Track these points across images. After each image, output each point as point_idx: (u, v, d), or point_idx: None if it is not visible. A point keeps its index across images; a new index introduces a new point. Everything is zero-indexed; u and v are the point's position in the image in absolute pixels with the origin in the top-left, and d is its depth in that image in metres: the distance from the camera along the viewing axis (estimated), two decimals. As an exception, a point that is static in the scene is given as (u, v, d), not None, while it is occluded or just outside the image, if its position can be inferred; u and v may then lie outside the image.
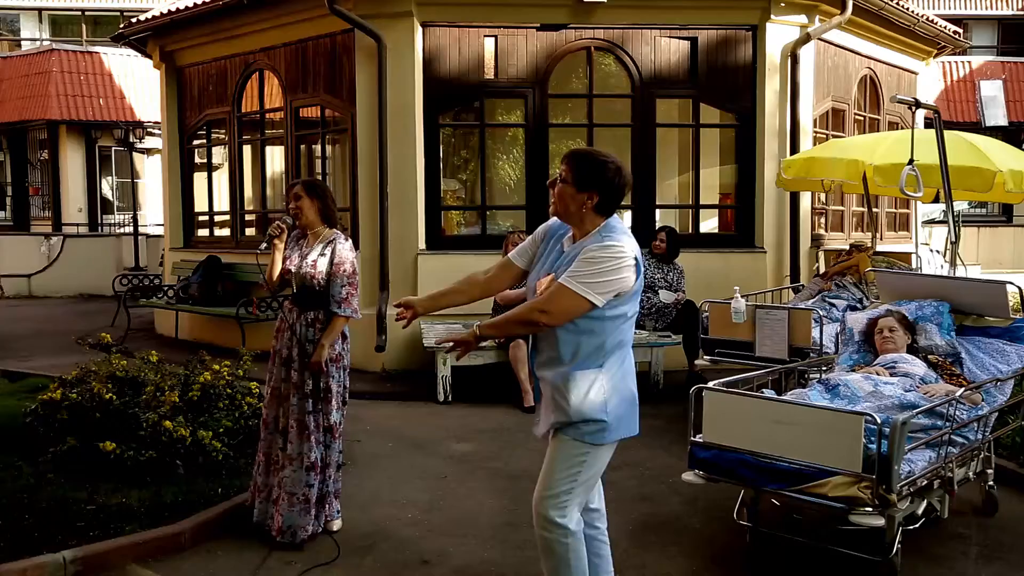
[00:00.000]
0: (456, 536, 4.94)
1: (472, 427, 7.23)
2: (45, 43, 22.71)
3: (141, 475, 5.34)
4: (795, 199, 9.88)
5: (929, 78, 14.98)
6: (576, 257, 3.24)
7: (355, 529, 4.98)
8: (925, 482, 4.33)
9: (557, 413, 3.33)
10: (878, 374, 4.98)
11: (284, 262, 4.86)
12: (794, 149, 9.69)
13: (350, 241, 4.93)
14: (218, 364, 6.34)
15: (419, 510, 5.37)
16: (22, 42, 24.23)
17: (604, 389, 3.29)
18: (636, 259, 3.24)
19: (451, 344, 3.39)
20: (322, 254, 4.80)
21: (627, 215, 10.73)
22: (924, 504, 4.44)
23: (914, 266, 8.87)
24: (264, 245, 4.80)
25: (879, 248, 9.28)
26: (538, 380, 3.46)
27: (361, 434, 6.97)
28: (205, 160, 12.22)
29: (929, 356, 5.25)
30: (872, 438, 3.93)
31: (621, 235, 3.28)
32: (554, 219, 3.46)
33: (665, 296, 8.72)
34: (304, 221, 4.86)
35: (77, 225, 20.70)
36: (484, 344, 8.15)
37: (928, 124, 10.27)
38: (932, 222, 14.11)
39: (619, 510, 5.34)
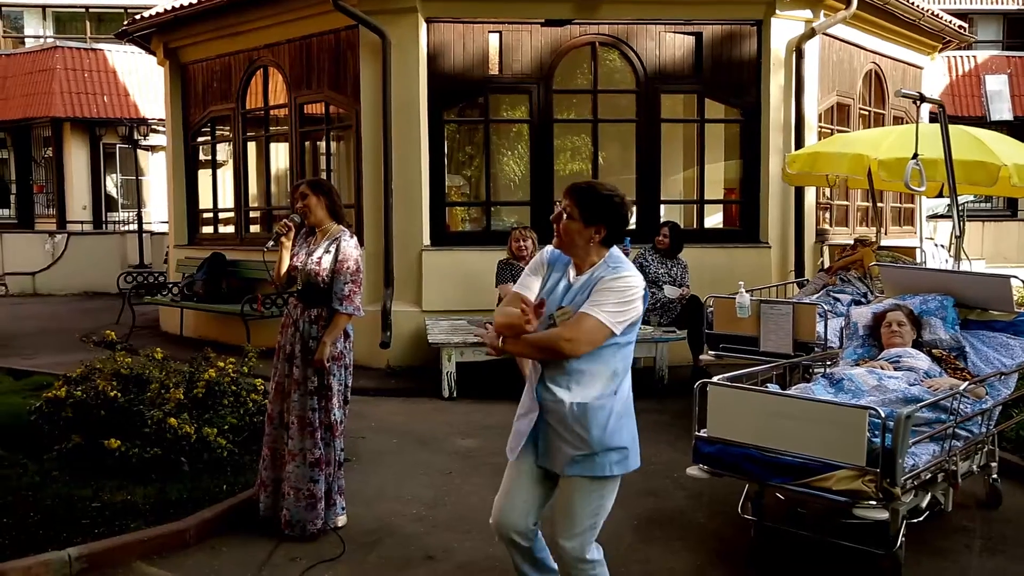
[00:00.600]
0: (461, 532, 4.95)
1: (477, 423, 7.24)
2: (49, 40, 22.71)
3: (146, 472, 5.35)
4: (800, 194, 9.87)
5: (934, 72, 14.93)
6: (592, 288, 3.25)
7: (360, 525, 4.99)
8: (929, 476, 4.33)
9: (577, 446, 3.27)
10: (882, 368, 4.97)
11: (292, 259, 4.87)
12: (799, 144, 9.67)
13: (355, 239, 4.95)
14: (223, 361, 6.35)
15: (424, 506, 5.37)
16: (26, 39, 24.25)
17: (620, 416, 3.31)
18: (644, 289, 3.29)
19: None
20: (327, 251, 4.82)
21: (632, 211, 10.73)
22: (928, 497, 4.44)
23: (918, 260, 8.85)
24: (271, 243, 4.82)
25: (883, 243, 9.27)
26: (542, 415, 3.34)
27: (366, 430, 6.98)
28: (209, 157, 12.23)
29: (933, 350, 5.25)
30: (876, 432, 3.93)
31: (629, 266, 3.32)
32: (552, 249, 3.45)
33: (670, 292, 8.71)
34: (313, 219, 4.87)
35: (81, 223, 20.72)
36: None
37: (933, 119, 10.25)
38: (937, 216, 14.09)
39: (624, 505, 5.33)
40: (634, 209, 9.94)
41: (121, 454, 5.37)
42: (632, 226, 10.66)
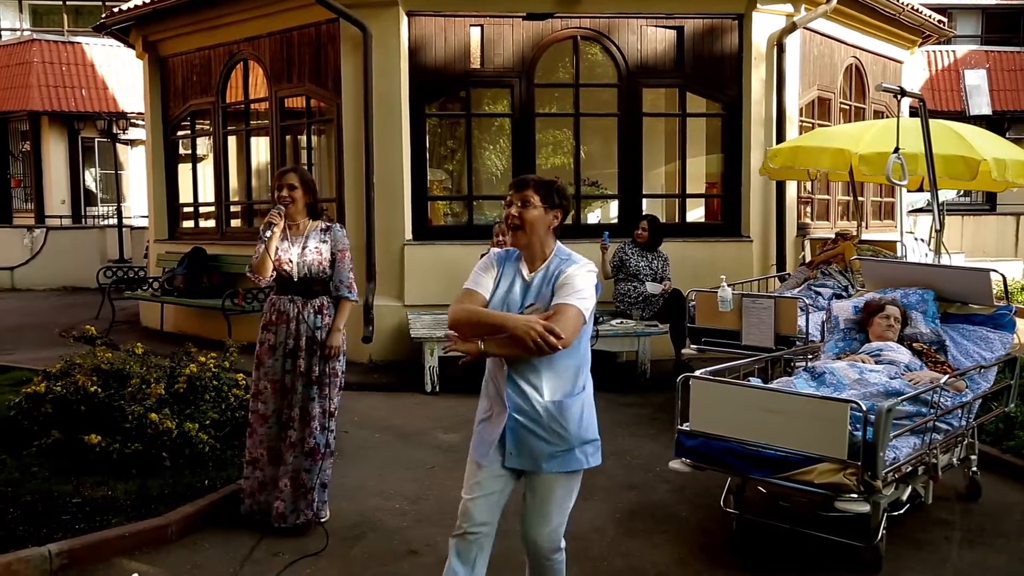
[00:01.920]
0: (443, 526, 4.93)
1: (459, 418, 7.23)
2: (26, 33, 22.49)
3: (127, 468, 5.32)
4: (781, 188, 9.90)
5: (914, 67, 15.02)
6: (555, 280, 3.26)
7: (343, 519, 4.98)
8: (910, 468, 4.36)
9: (554, 443, 3.27)
10: (863, 362, 5.00)
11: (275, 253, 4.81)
12: (780, 138, 9.71)
13: (344, 228, 5.02)
14: (204, 356, 6.31)
15: (406, 500, 5.37)
16: (2, 32, 23.99)
17: (590, 408, 3.37)
18: (599, 277, 3.35)
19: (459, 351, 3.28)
20: (323, 241, 4.86)
21: (613, 205, 10.76)
22: (909, 490, 4.48)
23: (899, 254, 8.90)
24: (268, 234, 4.69)
25: (864, 236, 9.33)
26: (513, 416, 3.29)
27: (348, 425, 6.96)
28: (189, 151, 12.14)
29: (914, 344, 5.28)
30: (858, 425, 3.95)
31: (579, 256, 3.35)
32: (497, 251, 3.45)
33: (652, 287, 8.72)
34: (292, 210, 4.83)
35: (60, 217, 20.56)
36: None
37: (913, 113, 10.31)
38: (917, 211, 14.18)
39: (606, 499, 5.37)
40: (616, 203, 9.95)
41: (102, 449, 5.34)
42: (614, 220, 10.71)
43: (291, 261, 4.81)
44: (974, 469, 5.29)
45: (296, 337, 4.81)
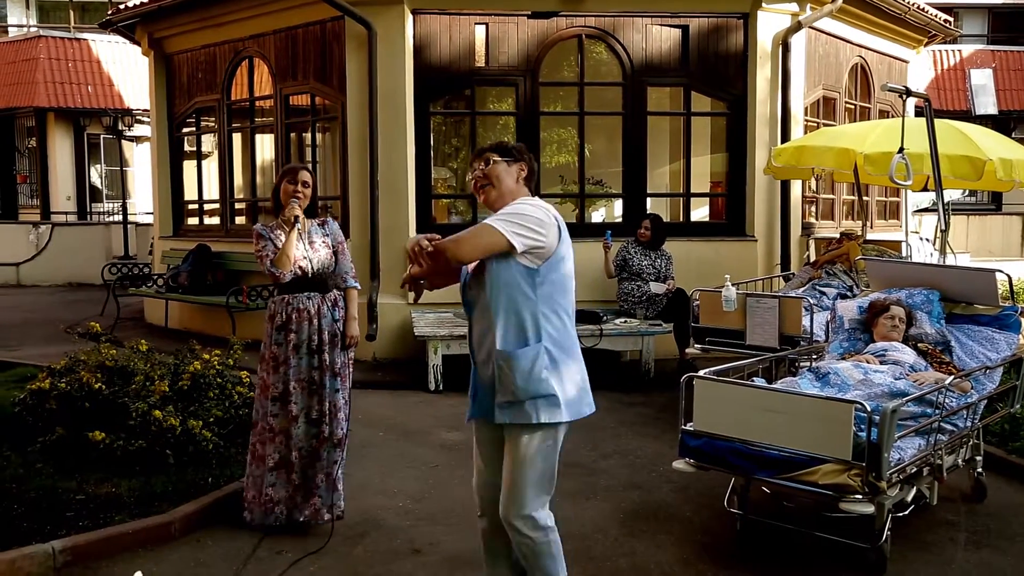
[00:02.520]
0: (447, 525, 4.95)
1: (463, 416, 7.16)
2: (32, 29, 22.53)
3: (131, 465, 5.32)
4: (786, 187, 9.89)
5: (920, 66, 15.00)
6: None
7: (346, 518, 4.96)
8: (914, 469, 4.35)
9: (503, 392, 3.27)
10: (868, 362, 4.99)
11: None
12: (785, 137, 9.69)
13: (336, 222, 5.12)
14: (208, 353, 6.32)
15: (410, 499, 5.37)
16: (9, 28, 24.03)
17: (546, 363, 3.24)
18: (559, 223, 3.28)
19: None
20: (325, 235, 4.92)
21: (618, 203, 10.73)
22: (913, 491, 4.46)
23: (904, 254, 8.88)
24: (298, 225, 4.72)
25: (869, 236, 9.31)
26: (476, 370, 3.41)
27: (352, 423, 6.89)
28: (195, 148, 12.15)
29: (919, 344, 5.27)
30: (862, 426, 3.94)
31: (540, 202, 3.36)
32: None
33: (656, 287, 8.72)
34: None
35: (66, 213, 20.59)
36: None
37: (919, 112, 10.28)
38: (922, 210, 14.15)
39: (609, 498, 5.36)
40: (620, 202, 9.93)
41: (106, 446, 5.35)
42: (618, 219, 10.70)
43: (305, 258, 4.81)
44: (979, 470, 5.27)
45: (319, 332, 4.82)
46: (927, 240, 12.28)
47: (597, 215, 12.46)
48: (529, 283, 3.24)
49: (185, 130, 11.99)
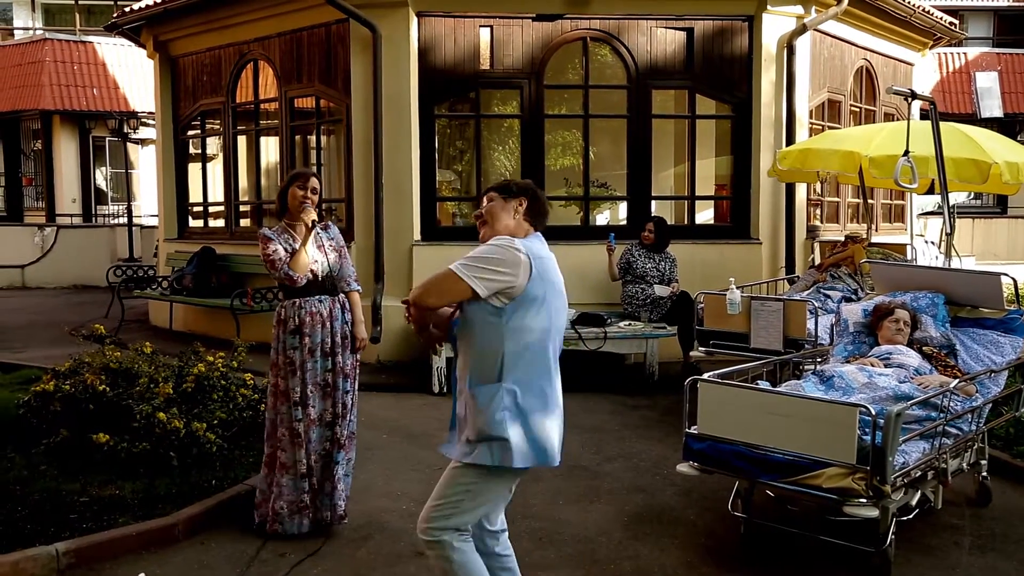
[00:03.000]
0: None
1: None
2: (38, 32, 22.59)
3: (134, 467, 5.33)
4: (790, 190, 9.87)
5: (925, 69, 14.96)
6: None
7: (350, 520, 4.97)
8: (919, 473, 4.34)
9: (468, 430, 3.21)
10: (872, 365, 4.98)
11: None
12: (790, 140, 9.68)
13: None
14: (212, 355, 6.32)
15: (414, 502, 5.35)
16: (15, 31, 24.10)
17: (505, 405, 3.13)
18: (531, 263, 3.14)
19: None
20: (329, 239, 4.95)
21: (622, 206, 10.72)
22: (918, 495, 4.45)
23: (909, 257, 8.87)
24: (316, 229, 4.77)
25: (874, 239, 9.29)
26: (455, 403, 3.36)
27: (356, 425, 6.95)
28: (199, 151, 12.16)
29: (924, 347, 5.26)
30: (866, 429, 3.93)
31: (532, 242, 3.24)
32: None
33: (660, 290, 8.71)
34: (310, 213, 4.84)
35: (71, 216, 20.63)
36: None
37: (924, 116, 10.27)
38: (928, 213, 14.13)
39: (613, 502, 5.36)
40: (625, 205, 9.92)
41: (110, 448, 5.36)
42: (623, 221, 10.69)
43: (316, 261, 4.81)
44: (984, 474, 5.26)
45: (332, 335, 4.83)
46: (932, 243, 12.25)
47: (601, 218, 12.45)
48: (496, 322, 3.15)
49: (190, 133, 12.01)
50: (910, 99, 6.74)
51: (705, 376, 4.50)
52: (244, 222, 11.41)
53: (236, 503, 5.03)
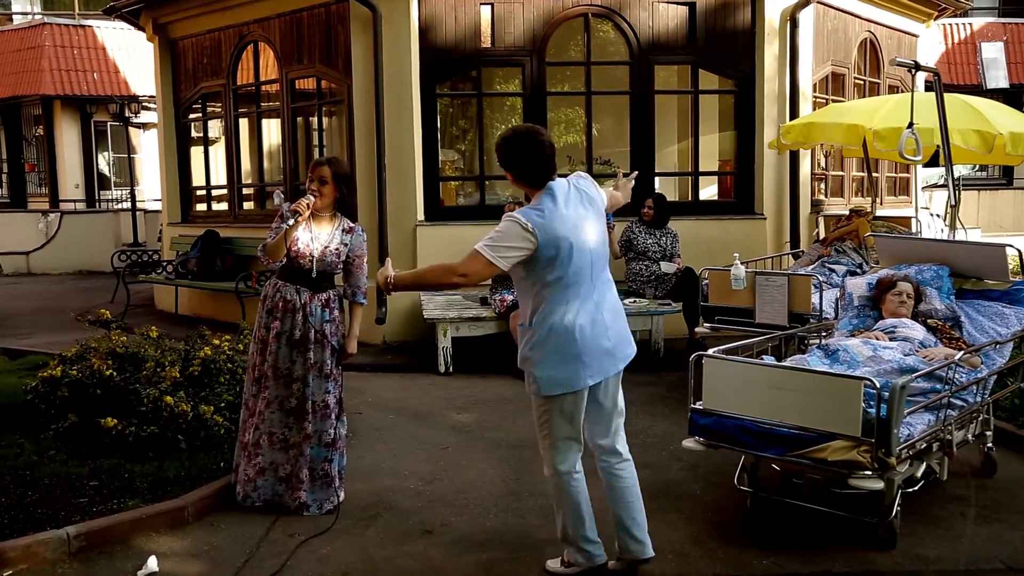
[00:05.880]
0: (458, 506, 4.97)
1: (473, 398, 7.25)
2: (37, 17, 22.50)
3: (143, 451, 5.36)
4: (795, 165, 9.84)
5: (930, 41, 14.85)
6: None
7: (357, 500, 5.00)
8: (924, 445, 4.35)
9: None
10: (877, 339, 4.98)
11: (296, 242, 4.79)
12: (794, 114, 9.63)
13: (364, 234, 5.03)
14: (218, 339, 6.34)
15: (421, 481, 5.39)
16: (13, 16, 24.02)
17: (535, 346, 3.75)
18: (532, 230, 3.62)
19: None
20: (344, 243, 4.86)
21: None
22: (923, 467, 4.46)
23: (914, 230, 8.84)
24: (291, 221, 4.64)
25: (879, 213, 9.26)
26: None
27: (362, 406, 6.99)
28: (201, 134, 12.14)
29: (929, 320, 5.25)
30: (871, 402, 3.94)
31: (538, 207, 3.70)
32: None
33: (666, 267, 8.71)
34: (318, 205, 4.80)
35: (74, 201, 20.63)
36: (484, 315, 8.18)
37: (929, 87, 10.20)
38: (932, 186, 14.06)
39: (620, 478, 5.37)
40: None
41: (118, 432, 5.38)
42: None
43: (312, 255, 4.77)
44: (989, 445, 5.26)
45: (303, 328, 4.78)
46: (937, 216, 12.20)
47: (605, 195, 12.40)
48: (525, 277, 3.76)
49: (191, 116, 11.98)
50: (914, 71, 6.68)
51: (710, 352, 4.50)
52: (247, 205, 11.40)
53: (245, 485, 5.05)
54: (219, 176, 11.80)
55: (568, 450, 3.85)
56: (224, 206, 11.69)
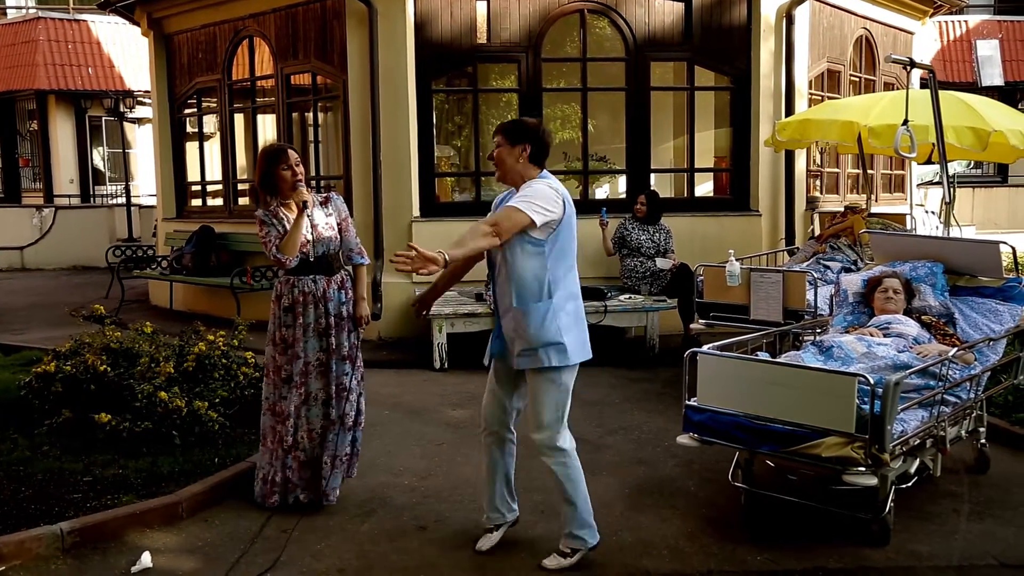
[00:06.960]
0: (453, 502, 4.97)
1: (468, 394, 7.25)
2: (31, 11, 22.40)
3: (137, 446, 5.35)
4: (790, 162, 9.84)
5: (925, 38, 14.88)
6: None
7: (353, 496, 5.00)
8: (918, 441, 4.36)
9: (520, 343, 3.91)
10: (872, 335, 4.99)
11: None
12: (789, 111, 9.64)
13: (340, 197, 5.04)
14: (213, 334, 6.33)
15: (416, 477, 5.39)
16: (7, 10, 23.92)
17: (556, 317, 3.88)
18: (564, 198, 3.88)
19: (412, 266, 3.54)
20: (328, 214, 4.85)
21: (621, 179, 10.68)
22: (917, 463, 4.47)
23: (909, 227, 8.86)
24: (307, 210, 4.69)
25: (874, 210, 9.27)
26: (500, 321, 4.06)
27: (360, 407, 6.96)
28: (196, 129, 12.12)
29: (923, 316, 5.26)
30: (865, 399, 3.95)
31: (546, 177, 3.96)
32: (499, 196, 4.19)
33: (661, 263, 8.72)
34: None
35: (69, 196, 20.55)
36: (479, 311, 8.17)
37: (924, 84, 10.22)
38: (927, 183, 14.09)
39: (615, 473, 5.38)
40: (624, 178, 9.89)
41: (112, 428, 5.37)
42: (622, 195, 10.67)
43: (307, 240, 4.76)
44: (983, 441, 5.28)
45: (326, 315, 4.79)
46: (932, 213, 12.22)
47: (601, 191, 12.42)
48: (539, 251, 3.86)
49: (186, 111, 11.95)
50: (909, 68, 6.70)
51: (705, 348, 4.51)
52: (242, 200, 11.37)
53: (239, 481, 5.05)
54: (214, 171, 11.78)
55: (567, 427, 4.03)
56: (219, 201, 11.67)
